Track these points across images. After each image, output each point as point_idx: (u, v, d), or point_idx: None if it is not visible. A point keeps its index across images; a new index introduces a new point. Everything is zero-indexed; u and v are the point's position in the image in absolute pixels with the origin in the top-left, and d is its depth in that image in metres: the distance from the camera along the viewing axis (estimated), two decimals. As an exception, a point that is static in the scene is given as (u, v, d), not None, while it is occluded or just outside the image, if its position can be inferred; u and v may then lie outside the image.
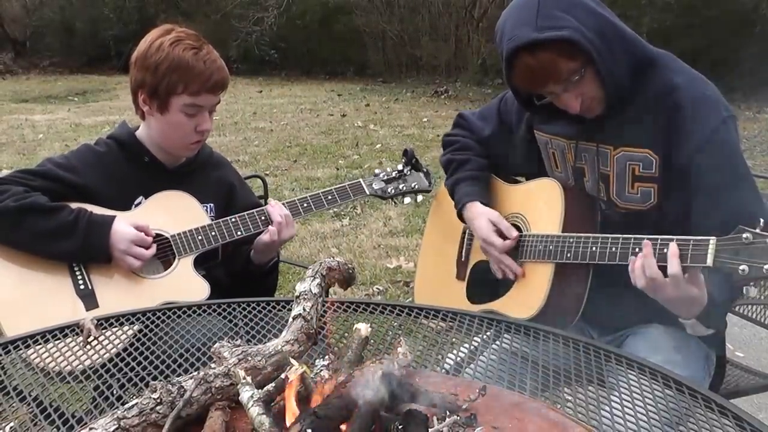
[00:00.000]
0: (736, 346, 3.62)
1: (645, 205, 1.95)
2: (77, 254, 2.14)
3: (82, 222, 2.12)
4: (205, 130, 2.27)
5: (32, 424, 1.37)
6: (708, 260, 1.67)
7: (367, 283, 4.84)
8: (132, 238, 2.14)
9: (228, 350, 1.34)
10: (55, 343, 1.68)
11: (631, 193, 1.97)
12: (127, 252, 2.13)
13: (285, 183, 7.36)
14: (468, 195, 2.27)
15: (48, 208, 2.13)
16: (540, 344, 1.66)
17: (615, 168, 1.98)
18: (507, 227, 2.17)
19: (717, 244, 1.66)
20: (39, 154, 8.47)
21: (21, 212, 2.10)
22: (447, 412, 1.22)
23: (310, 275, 1.55)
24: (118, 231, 2.14)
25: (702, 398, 1.41)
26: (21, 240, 2.13)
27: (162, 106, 2.23)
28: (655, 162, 1.90)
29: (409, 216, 6.22)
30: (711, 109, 1.87)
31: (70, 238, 2.11)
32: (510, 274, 2.16)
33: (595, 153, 2.01)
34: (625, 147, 1.95)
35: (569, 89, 1.88)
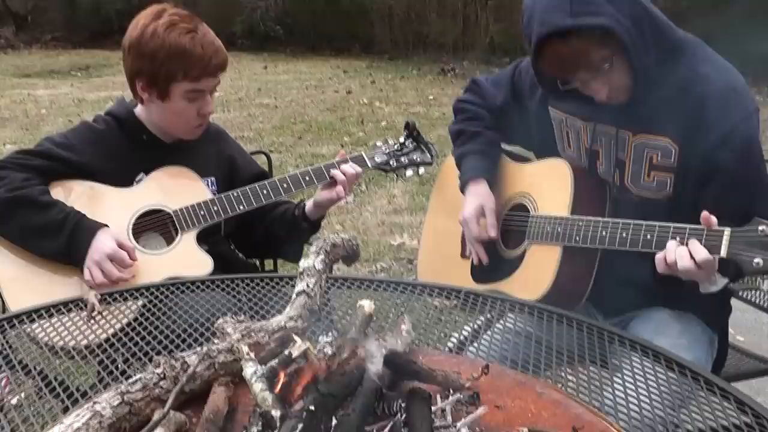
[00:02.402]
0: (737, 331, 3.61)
1: (659, 195, 1.93)
2: (60, 255, 2.09)
3: (70, 224, 2.08)
4: (208, 113, 2.26)
5: (38, 397, 1.38)
6: (722, 251, 1.66)
7: (370, 260, 4.84)
8: (110, 253, 2.05)
9: (231, 326, 1.34)
10: (60, 318, 1.68)
11: (647, 181, 1.94)
12: (97, 264, 2.05)
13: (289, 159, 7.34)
14: (474, 170, 2.25)
15: (40, 204, 2.09)
16: (544, 324, 1.66)
17: (632, 154, 1.95)
18: (491, 224, 2.17)
19: (732, 235, 1.65)
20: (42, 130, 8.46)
21: (13, 204, 2.08)
22: (450, 391, 1.23)
23: (314, 251, 1.55)
24: (100, 240, 2.07)
25: (704, 381, 1.41)
26: (10, 231, 2.11)
27: (162, 94, 2.21)
28: (675, 152, 1.88)
29: (413, 194, 6.22)
30: (736, 102, 1.84)
31: (55, 237, 2.08)
32: (476, 259, 2.21)
33: (613, 137, 1.97)
34: (646, 134, 1.92)
35: (598, 77, 1.85)
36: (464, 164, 2.28)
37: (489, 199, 2.20)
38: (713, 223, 1.68)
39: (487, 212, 2.17)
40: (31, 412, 1.31)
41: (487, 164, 2.26)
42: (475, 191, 2.22)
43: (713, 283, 1.77)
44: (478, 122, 2.33)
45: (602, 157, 2.04)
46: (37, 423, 1.26)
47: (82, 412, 1.06)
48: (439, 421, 1.13)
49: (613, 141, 1.98)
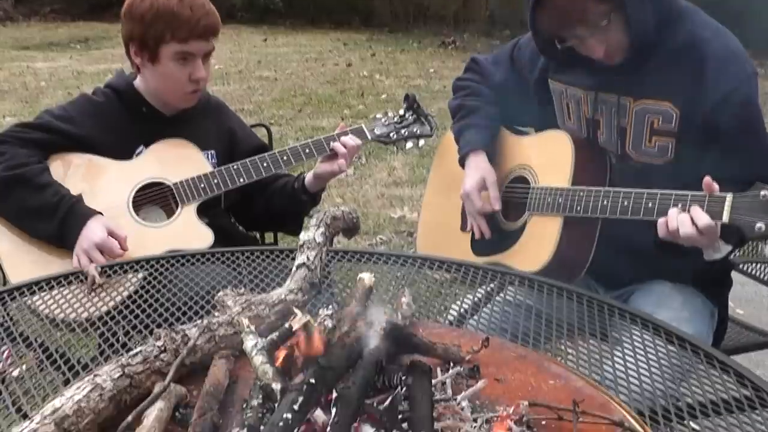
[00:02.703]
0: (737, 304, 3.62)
1: (661, 160, 1.93)
2: (51, 238, 2.09)
3: (64, 207, 2.07)
4: (199, 79, 2.24)
5: (39, 370, 1.38)
6: (724, 216, 1.66)
7: (370, 232, 4.84)
8: (97, 242, 2.03)
9: (232, 299, 1.34)
10: (60, 290, 1.68)
11: (648, 147, 1.94)
12: (86, 252, 2.03)
13: (290, 132, 7.32)
14: (474, 143, 2.25)
15: (36, 184, 2.08)
16: (544, 297, 1.66)
17: (633, 121, 1.95)
18: (494, 197, 2.17)
19: (734, 200, 1.65)
20: (41, 102, 8.42)
21: (10, 182, 2.07)
22: (450, 364, 1.23)
23: (314, 224, 1.54)
24: (90, 228, 2.05)
25: (704, 354, 1.41)
26: (6, 211, 2.11)
27: (153, 57, 2.20)
28: (676, 116, 1.88)
29: (413, 166, 6.20)
30: (735, 64, 1.84)
31: (48, 220, 2.07)
32: (477, 233, 2.20)
33: (614, 105, 1.97)
34: (646, 99, 1.92)
35: (595, 34, 1.85)
36: (463, 137, 2.28)
37: (490, 171, 2.19)
38: (715, 189, 1.68)
39: (488, 185, 2.17)
40: (32, 384, 1.32)
41: (486, 137, 2.26)
42: (475, 164, 2.21)
43: (717, 250, 1.77)
44: (477, 98, 2.33)
45: (603, 126, 2.03)
46: (38, 395, 1.27)
47: (82, 385, 1.06)
48: (439, 394, 1.13)
49: (614, 108, 1.97)
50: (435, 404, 1.06)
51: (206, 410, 1.05)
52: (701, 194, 1.70)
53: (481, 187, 2.18)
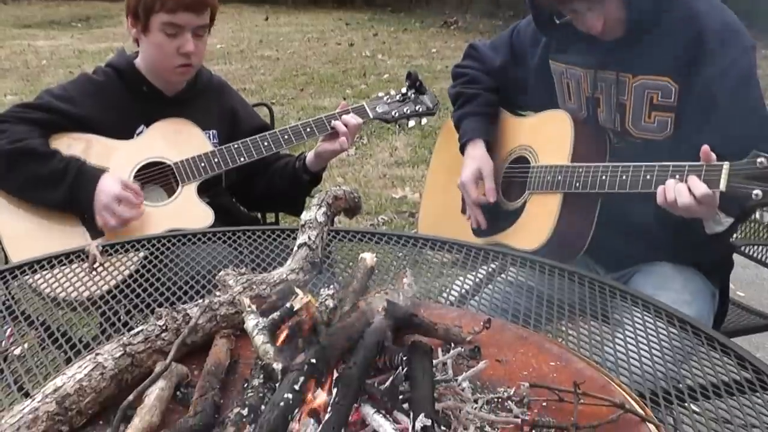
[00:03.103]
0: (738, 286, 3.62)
1: (660, 135, 1.93)
2: (63, 204, 2.10)
3: (72, 172, 2.08)
4: (188, 52, 2.22)
5: (40, 348, 1.39)
6: (721, 185, 1.66)
7: (372, 213, 4.84)
8: (117, 195, 2.06)
9: (233, 278, 1.34)
10: (62, 269, 1.68)
11: (648, 122, 1.95)
12: (107, 207, 2.06)
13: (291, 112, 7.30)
14: (473, 131, 2.25)
15: (41, 154, 2.09)
16: (545, 278, 1.66)
17: (632, 97, 1.95)
18: (490, 188, 2.17)
19: (730, 168, 1.66)
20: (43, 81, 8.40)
21: (14, 155, 2.08)
22: (451, 345, 1.23)
23: (316, 204, 1.54)
24: (105, 185, 2.08)
25: (705, 337, 1.41)
26: (13, 183, 2.12)
27: (144, 27, 2.21)
28: (674, 90, 1.88)
29: (415, 146, 6.19)
30: (733, 38, 1.85)
31: (58, 187, 2.08)
32: (474, 222, 2.21)
33: (613, 82, 1.98)
34: (645, 75, 1.92)
35: (594, 8, 1.85)
36: (463, 126, 2.29)
37: (487, 162, 2.20)
38: (712, 157, 1.69)
39: (485, 176, 2.18)
40: (34, 363, 1.32)
41: (484, 125, 2.26)
42: (473, 154, 2.22)
43: (717, 222, 1.78)
44: (476, 85, 2.34)
45: (603, 104, 2.03)
46: (40, 374, 1.27)
47: (84, 363, 1.06)
48: (440, 375, 1.13)
49: (614, 85, 1.98)
50: (436, 385, 1.06)
51: (207, 389, 1.05)
52: (698, 164, 1.71)
53: (477, 178, 2.19)
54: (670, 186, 1.73)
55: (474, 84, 2.34)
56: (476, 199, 2.19)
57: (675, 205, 1.72)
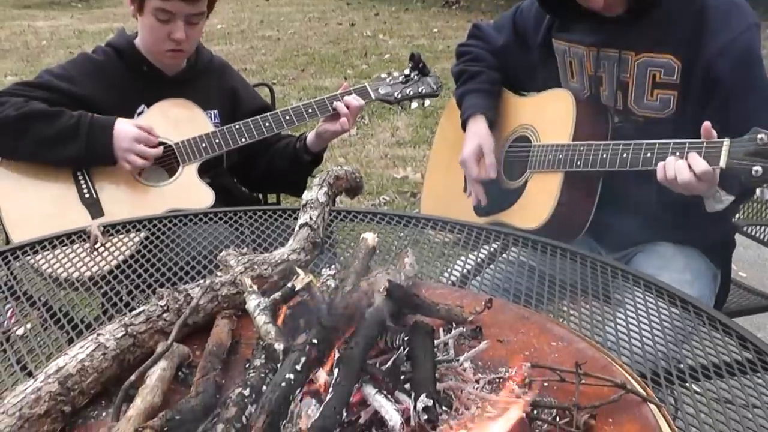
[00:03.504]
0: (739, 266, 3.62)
1: (663, 113, 1.92)
2: (81, 158, 2.13)
3: (84, 125, 2.10)
4: (178, 40, 2.20)
5: (43, 329, 1.39)
6: (721, 161, 1.66)
7: (373, 193, 4.84)
8: (135, 136, 2.12)
9: (234, 258, 1.34)
10: (63, 249, 1.68)
11: (650, 100, 1.94)
12: (130, 150, 2.12)
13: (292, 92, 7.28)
14: (475, 107, 2.24)
15: (49, 113, 2.11)
16: (547, 258, 1.66)
17: (635, 74, 1.94)
18: (490, 164, 2.17)
19: (731, 145, 1.65)
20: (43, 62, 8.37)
21: (22, 120, 2.08)
22: (453, 325, 1.23)
23: (317, 184, 1.53)
24: (121, 130, 2.12)
25: (707, 317, 1.41)
26: (25, 149, 2.12)
27: (139, 7, 2.21)
28: (677, 68, 1.87)
29: (417, 126, 6.17)
30: (736, 15, 1.84)
31: (73, 142, 2.09)
32: (474, 200, 2.21)
33: (616, 60, 1.97)
34: (648, 53, 1.91)
35: None
36: (465, 102, 2.28)
37: (487, 138, 2.19)
38: (713, 134, 1.69)
39: (485, 152, 2.17)
40: (36, 343, 1.32)
41: (487, 101, 2.25)
42: (474, 130, 2.21)
43: (718, 200, 1.78)
44: (480, 63, 2.33)
45: (605, 82, 2.03)
46: (42, 353, 1.27)
47: (86, 344, 1.06)
48: (441, 355, 1.13)
49: (616, 63, 1.97)
50: (437, 365, 1.06)
51: (209, 370, 1.05)
52: (699, 141, 1.71)
53: (478, 154, 2.17)
54: (670, 163, 1.73)
55: (478, 62, 2.32)
56: (477, 175, 2.18)
57: (675, 182, 1.72)
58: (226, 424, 0.86)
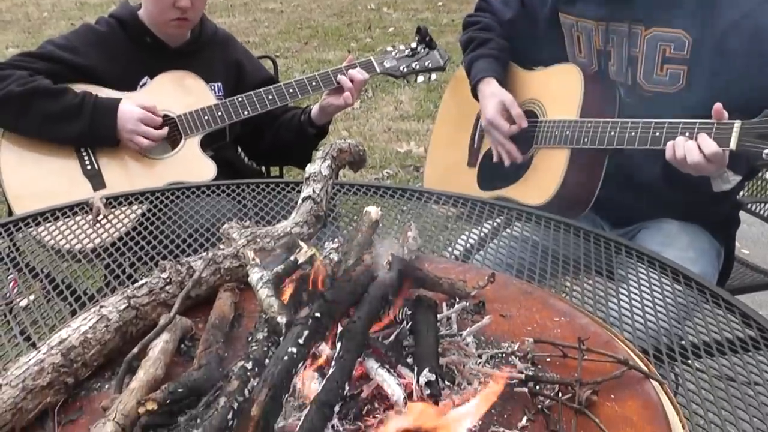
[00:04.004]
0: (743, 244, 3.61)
1: (672, 88, 1.91)
2: (84, 137, 2.12)
3: (88, 104, 2.10)
4: (183, 7, 2.19)
5: (46, 300, 1.39)
6: (731, 143, 1.65)
7: (376, 166, 4.82)
8: (140, 117, 2.11)
9: (237, 231, 1.34)
10: (65, 221, 1.68)
11: (660, 75, 1.92)
12: (135, 131, 2.11)
13: (295, 65, 7.24)
14: (484, 71, 2.21)
15: (53, 91, 2.10)
16: (551, 233, 1.65)
17: (645, 49, 1.92)
18: (518, 114, 2.12)
19: (742, 126, 1.64)
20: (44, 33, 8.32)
21: (27, 96, 2.07)
22: (456, 299, 1.23)
23: (321, 157, 1.52)
24: (125, 111, 2.12)
25: (710, 294, 1.41)
26: (28, 125, 2.12)
27: None
28: (688, 43, 1.86)
29: (420, 100, 6.14)
30: None
31: (77, 120, 2.09)
32: (507, 159, 2.14)
33: (625, 34, 1.95)
34: (658, 27, 1.89)
35: None
36: (474, 67, 2.25)
37: (505, 93, 2.15)
38: (724, 115, 1.67)
39: (509, 105, 2.13)
40: (39, 315, 1.32)
41: (496, 66, 2.22)
42: (489, 91, 2.18)
43: (725, 180, 1.77)
44: (488, 31, 2.30)
45: (614, 57, 2.01)
46: (45, 325, 1.27)
47: (89, 316, 1.06)
48: (444, 330, 1.13)
49: (626, 38, 1.95)
50: (440, 340, 1.06)
51: (211, 343, 1.05)
52: (709, 122, 1.69)
53: (503, 110, 2.14)
54: (680, 143, 1.72)
55: (487, 31, 2.30)
56: (509, 130, 2.12)
57: (684, 162, 1.71)
58: (229, 397, 0.86)
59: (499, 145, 2.16)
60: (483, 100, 2.19)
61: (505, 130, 2.13)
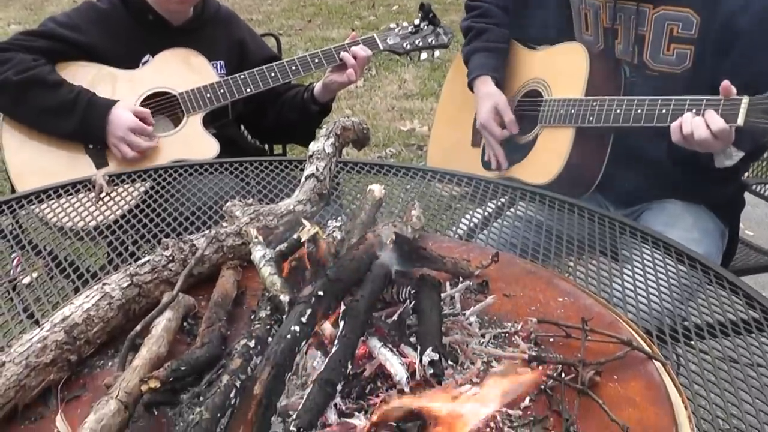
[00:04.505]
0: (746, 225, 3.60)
1: (679, 68, 1.89)
2: (76, 133, 2.09)
3: (82, 102, 2.07)
4: None
5: (49, 278, 1.39)
6: (739, 120, 1.65)
7: (380, 145, 4.81)
8: (131, 126, 2.07)
9: (240, 209, 1.33)
10: (68, 199, 1.68)
11: (666, 54, 1.91)
12: (123, 140, 2.07)
13: (299, 43, 7.20)
14: (481, 68, 2.22)
15: (50, 83, 2.07)
16: (555, 213, 1.65)
17: (652, 28, 1.91)
18: (510, 120, 2.14)
19: (749, 103, 1.63)
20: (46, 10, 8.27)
21: (22, 85, 2.05)
22: (459, 278, 1.22)
23: (324, 134, 1.52)
24: (117, 116, 2.08)
25: (714, 275, 1.40)
26: (27, 115, 2.11)
27: None
28: (696, 22, 1.84)
29: (424, 79, 6.11)
30: None
31: (69, 117, 2.07)
32: (495, 164, 2.18)
33: (633, 12, 1.93)
34: (666, 6, 1.88)
35: None
36: (471, 61, 2.26)
37: (499, 96, 2.17)
38: (732, 92, 1.67)
39: (501, 111, 2.15)
40: (42, 292, 1.32)
41: (493, 61, 2.23)
42: (485, 91, 2.19)
43: (728, 156, 1.77)
44: (486, 19, 2.29)
45: (621, 35, 1.99)
46: (48, 303, 1.27)
47: (92, 293, 1.06)
48: (447, 309, 1.13)
49: (633, 16, 1.93)
50: (443, 319, 1.06)
51: (214, 321, 1.05)
52: (716, 98, 1.69)
53: (496, 114, 2.15)
54: (687, 119, 1.71)
55: (485, 18, 2.28)
56: (500, 134, 2.15)
57: (691, 138, 1.70)
58: (231, 375, 0.86)
59: (489, 147, 2.18)
60: (478, 99, 2.20)
61: (497, 135, 2.15)
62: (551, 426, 0.92)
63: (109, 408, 0.84)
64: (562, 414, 0.93)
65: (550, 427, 0.92)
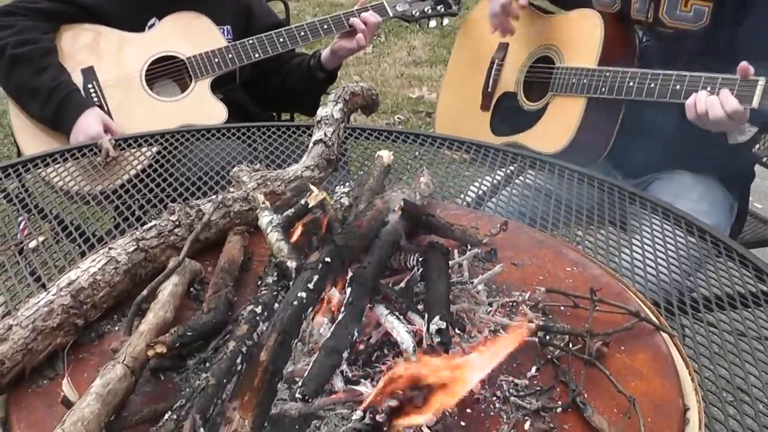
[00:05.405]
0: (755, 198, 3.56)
1: (695, 26, 1.86)
2: (43, 120, 2.06)
3: (59, 95, 2.02)
4: None
5: (55, 242, 1.39)
6: (754, 102, 1.63)
7: (388, 112, 4.78)
8: (93, 135, 1.98)
9: (247, 174, 1.32)
10: (74, 163, 1.67)
11: (684, 11, 1.88)
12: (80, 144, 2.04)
13: (307, 8, 7.14)
14: None
15: (37, 66, 2.03)
16: (564, 182, 1.63)
17: None
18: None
19: (766, 85, 1.60)
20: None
21: (14, 61, 2.03)
22: (467, 246, 1.22)
23: (333, 100, 1.50)
24: (86, 122, 2.02)
25: (724, 247, 1.39)
26: (9, 89, 2.09)
27: None
28: None
29: (434, 46, 6.06)
30: None
31: (42, 104, 2.03)
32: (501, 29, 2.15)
33: None
34: None
35: None
36: None
37: None
38: (750, 73, 1.64)
39: None
40: (48, 256, 1.32)
41: None
42: None
43: (741, 132, 1.75)
44: None
45: None
46: (54, 267, 1.27)
47: (98, 258, 1.06)
48: (455, 277, 1.12)
49: None
50: (451, 287, 1.05)
51: (221, 286, 1.05)
52: (732, 77, 1.66)
53: None
54: (702, 98, 1.68)
55: None
56: None
57: (705, 117, 1.67)
58: (238, 341, 0.86)
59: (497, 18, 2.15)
60: None
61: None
62: (557, 396, 0.92)
63: (115, 372, 0.84)
64: (569, 384, 0.92)
65: (556, 397, 0.92)
